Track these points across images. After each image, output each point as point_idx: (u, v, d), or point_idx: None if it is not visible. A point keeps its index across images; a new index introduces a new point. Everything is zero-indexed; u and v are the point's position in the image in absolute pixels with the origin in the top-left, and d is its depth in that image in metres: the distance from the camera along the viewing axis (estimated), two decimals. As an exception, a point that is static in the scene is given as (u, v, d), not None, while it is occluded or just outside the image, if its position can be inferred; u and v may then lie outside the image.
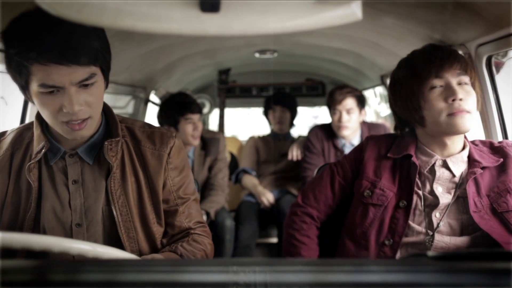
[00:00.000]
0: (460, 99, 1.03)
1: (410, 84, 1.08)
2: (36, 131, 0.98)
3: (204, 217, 2.12)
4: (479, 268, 0.46)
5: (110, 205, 0.99)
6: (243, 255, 2.17)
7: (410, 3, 1.30)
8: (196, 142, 2.19)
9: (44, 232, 0.98)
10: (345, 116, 2.18)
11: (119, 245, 0.99)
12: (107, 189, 1.00)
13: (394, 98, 1.14)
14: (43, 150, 0.96)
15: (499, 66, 1.39)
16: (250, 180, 2.46)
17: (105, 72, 0.94)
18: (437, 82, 1.05)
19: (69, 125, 0.90)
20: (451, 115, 1.03)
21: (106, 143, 0.98)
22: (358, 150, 1.21)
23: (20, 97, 1.41)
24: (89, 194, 1.00)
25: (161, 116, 2.21)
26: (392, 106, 1.18)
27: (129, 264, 0.48)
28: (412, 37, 1.63)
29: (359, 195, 1.15)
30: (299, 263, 0.46)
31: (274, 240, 2.40)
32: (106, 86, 0.99)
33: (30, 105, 1.40)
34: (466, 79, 1.05)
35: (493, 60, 1.34)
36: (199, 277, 0.45)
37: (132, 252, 0.99)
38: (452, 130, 1.05)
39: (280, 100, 2.67)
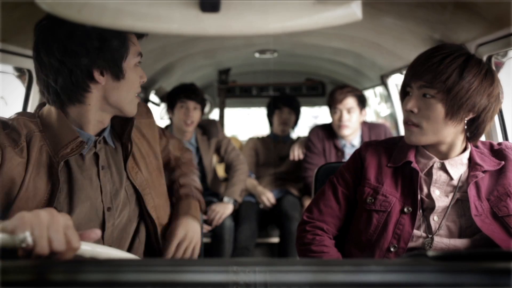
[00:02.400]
0: (411, 111, 1.03)
1: None
2: (62, 121, 0.93)
3: (231, 205, 2.17)
4: (479, 268, 0.46)
5: (131, 183, 1.05)
6: (241, 257, 2.16)
7: (410, 3, 1.30)
8: (189, 129, 2.24)
9: (77, 218, 0.95)
10: (345, 115, 2.18)
11: (144, 220, 1.08)
12: (125, 170, 1.04)
13: None
14: (86, 145, 0.95)
15: (499, 66, 1.39)
16: (249, 181, 2.46)
17: None
18: (408, 89, 1.06)
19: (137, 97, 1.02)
20: (404, 123, 1.07)
21: (134, 122, 1.04)
22: (356, 157, 1.19)
23: (20, 97, 1.41)
24: (115, 178, 1.02)
25: (166, 101, 2.30)
26: None
27: (129, 264, 0.48)
28: (412, 37, 1.63)
29: (362, 202, 1.13)
30: (299, 263, 0.46)
31: (274, 240, 2.40)
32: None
33: (30, 105, 1.40)
34: (431, 92, 1.00)
35: (493, 60, 1.34)
36: (199, 277, 0.45)
37: (157, 219, 1.09)
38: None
39: (288, 102, 2.66)
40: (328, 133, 2.30)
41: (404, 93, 1.08)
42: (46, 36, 0.88)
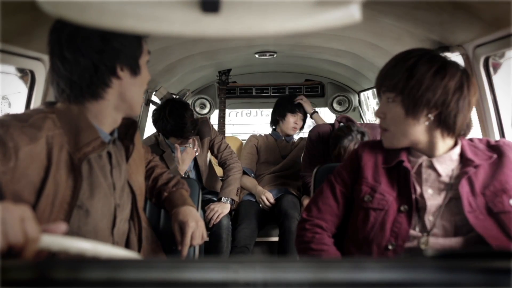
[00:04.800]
0: (380, 116, 1.10)
1: None
2: (83, 119, 0.95)
3: (228, 205, 2.20)
4: (478, 266, 0.46)
5: (128, 183, 1.08)
6: (240, 255, 2.16)
7: (409, 4, 1.31)
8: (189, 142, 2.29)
9: (95, 214, 0.97)
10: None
11: (132, 219, 1.10)
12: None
13: None
14: (110, 143, 1.00)
15: (496, 67, 1.40)
16: (249, 180, 2.46)
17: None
18: (381, 96, 1.11)
19: None
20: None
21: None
22: (353, 156, 1.20)
23: (22, 98, 1.41)
24: (121, 176, 1.05)
25: (155, 124, 2.21)
26: None
27: (130, 262, 0.49)
28: (410, 38, 1.64)
29: (359, 200, 1.14)
30: (299, 261, 0.47)
31: (274, 238, 2.40)
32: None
33: (32, 105, 1.40)
34: (390, 95, 1.06)
35: (490, 61, 1.35)
36: (199, 275, 0.45)
37: (143, 219, 1.13)
38: None
39: (303, 109, 2.67)
40: (327, 133, 2.30)
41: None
42: (71, 35, 0.90)
